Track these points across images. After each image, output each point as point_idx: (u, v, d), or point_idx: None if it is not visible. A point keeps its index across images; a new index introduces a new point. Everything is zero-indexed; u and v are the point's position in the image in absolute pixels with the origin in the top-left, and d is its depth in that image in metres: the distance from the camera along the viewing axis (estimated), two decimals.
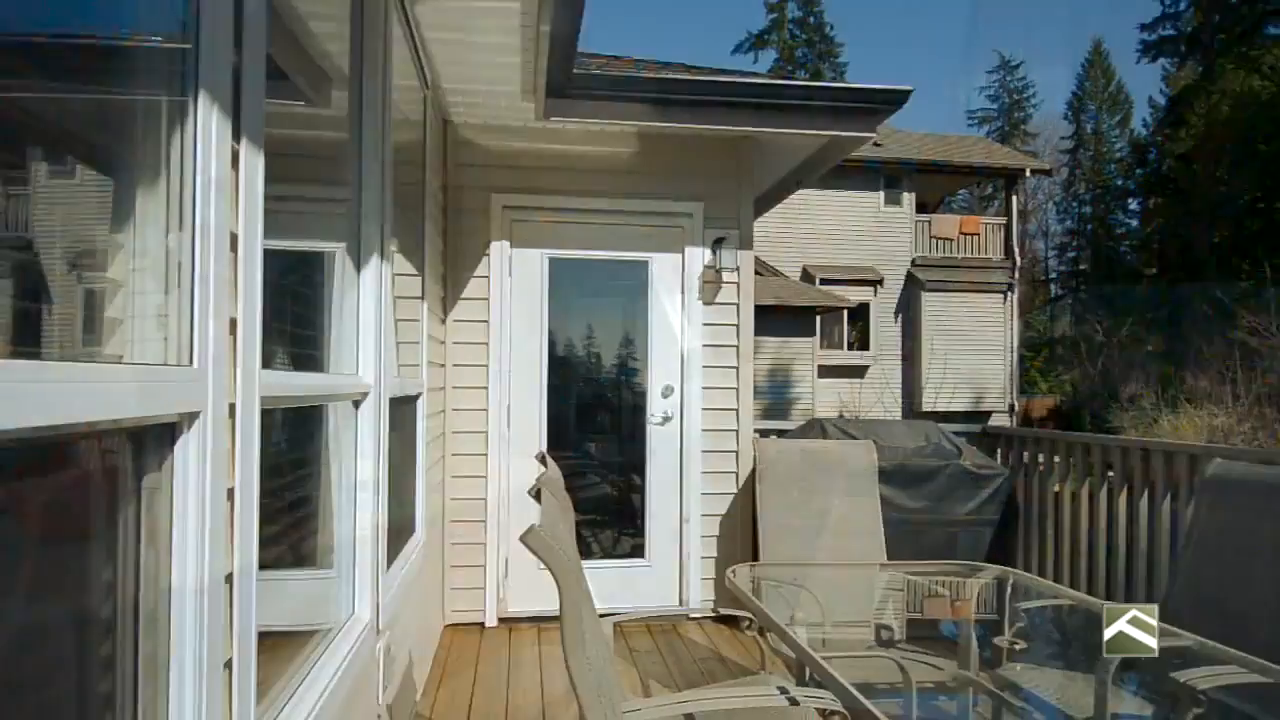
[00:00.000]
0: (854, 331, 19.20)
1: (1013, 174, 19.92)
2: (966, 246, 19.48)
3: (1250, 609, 2.28)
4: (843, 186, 18.85)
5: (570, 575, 1.01)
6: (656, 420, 4.38)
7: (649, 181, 4.30)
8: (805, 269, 18.87)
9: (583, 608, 1.15)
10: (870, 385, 18.46)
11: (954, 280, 18.94)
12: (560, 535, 1.17)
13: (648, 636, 4.14)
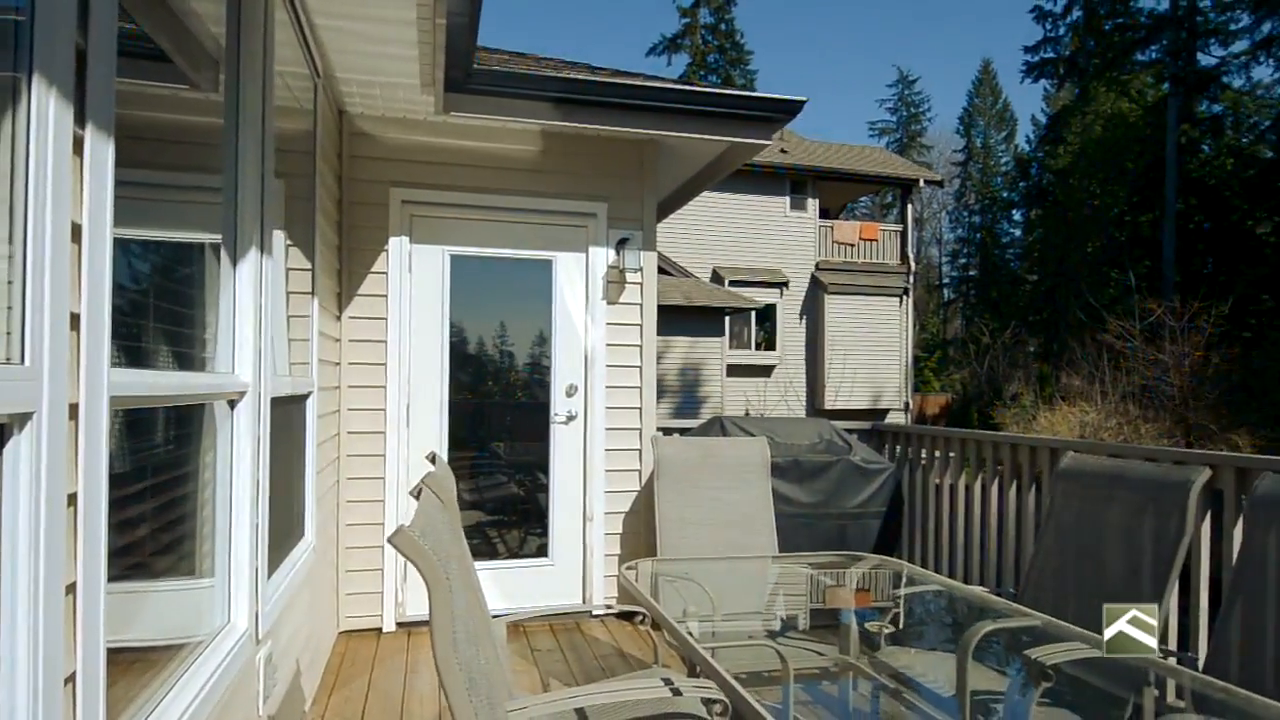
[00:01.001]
0: (761, 332, 19.72)
1: (908, 184, 20.94)
2: (866, 252, 20.35)
3: (1097, 588, 2.49)
4: (751, 191, 19.34)
5: (440, 577, 1.01)
6: (561, 419, 4.38)
7: (553, 180, 4.29)
8: (715, 270, 19.24)
9: (456, 609, 1.15)
10: (776, 384, 19.01)
11: (855, 284, 19.74)
12: (436, 536, 1.17)
13: (550, 635, 4.14)
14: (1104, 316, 17.39)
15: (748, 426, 4.26)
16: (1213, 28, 24.14)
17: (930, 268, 42.22)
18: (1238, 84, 24.51)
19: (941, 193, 40.71)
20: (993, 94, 41.38)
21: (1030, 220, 34.57)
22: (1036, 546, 2.67)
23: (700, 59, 34.81)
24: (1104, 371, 16.97)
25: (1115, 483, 2.45)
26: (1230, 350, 16.33)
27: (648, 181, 4.35)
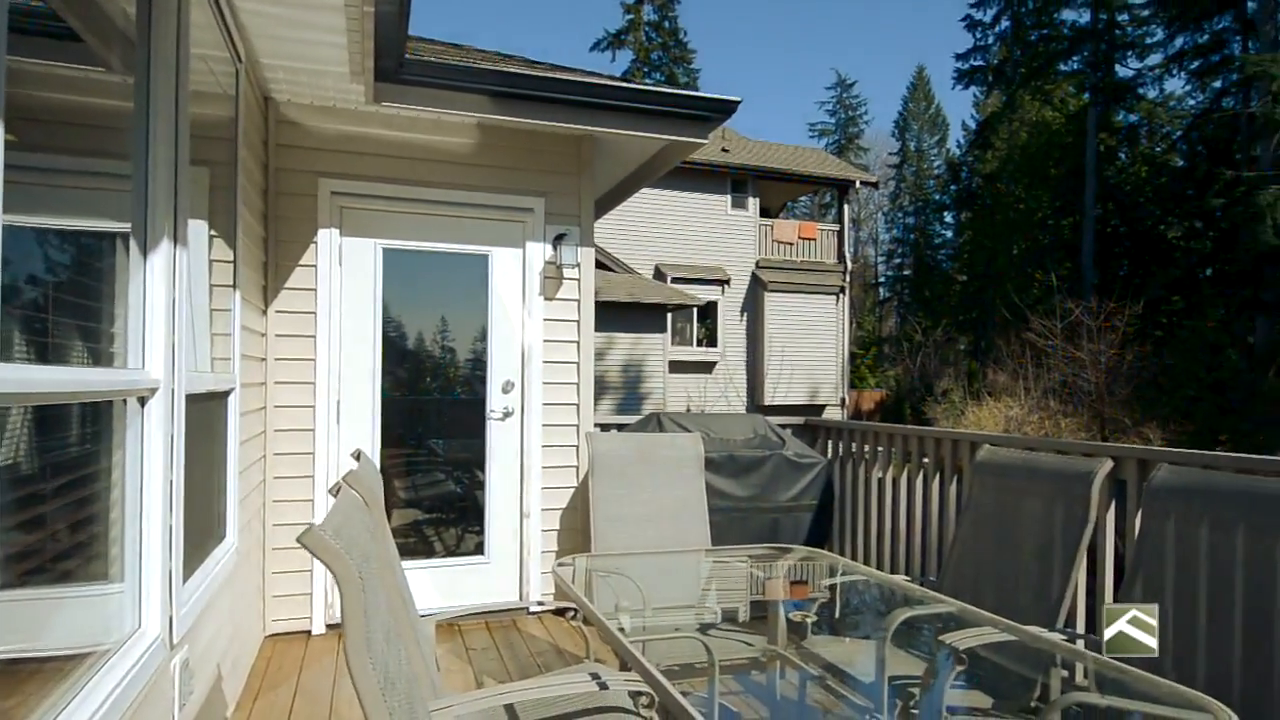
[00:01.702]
0: (703, 329, 19.91)
1: (845, 185, 21.43)
2: (805, 251, 20.76)
3: (1012, 573, 2.61)
4: (693, 189, 19.49)
5: (352, 576, 0.99)
6: (497, 416, 4.34)
7: (490, 174, 4.24)
8: (658, 267, 19.34)
9: (372, 608, 1.13)
10: (717, 381, 19.23)
11: (794, 282, 20.12)
12: (351, 534, 1.15)
13: (486, 634, 4.10)
14: (1027, 316, 18.15)
15: (684, 422, 4.31)
16: (1130, 41, 25.43)
17: (867, 267, 43.37)
18: (1152, 95, 25.91)
19: (877, 194, 41.84)
20: (926, 99, 42.69)
21: (961, 222, 35.80)
22: (955, 536, 2.78)
23: (644, 56, 34.86)
24: (1027, 368, 17.73)
25: (1027, 474, 2.58)
26: (1142, 348, 17.27)
27: (585, 177, 4.35)
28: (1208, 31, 22.62)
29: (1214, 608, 2.12)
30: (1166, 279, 22.65)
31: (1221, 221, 20.96)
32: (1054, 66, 27.54)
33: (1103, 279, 23.66)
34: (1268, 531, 2.01)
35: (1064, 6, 26.93)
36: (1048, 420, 16.68)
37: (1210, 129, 22.83)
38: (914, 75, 44.00)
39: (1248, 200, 19.19)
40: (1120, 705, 1.74)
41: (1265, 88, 18.97)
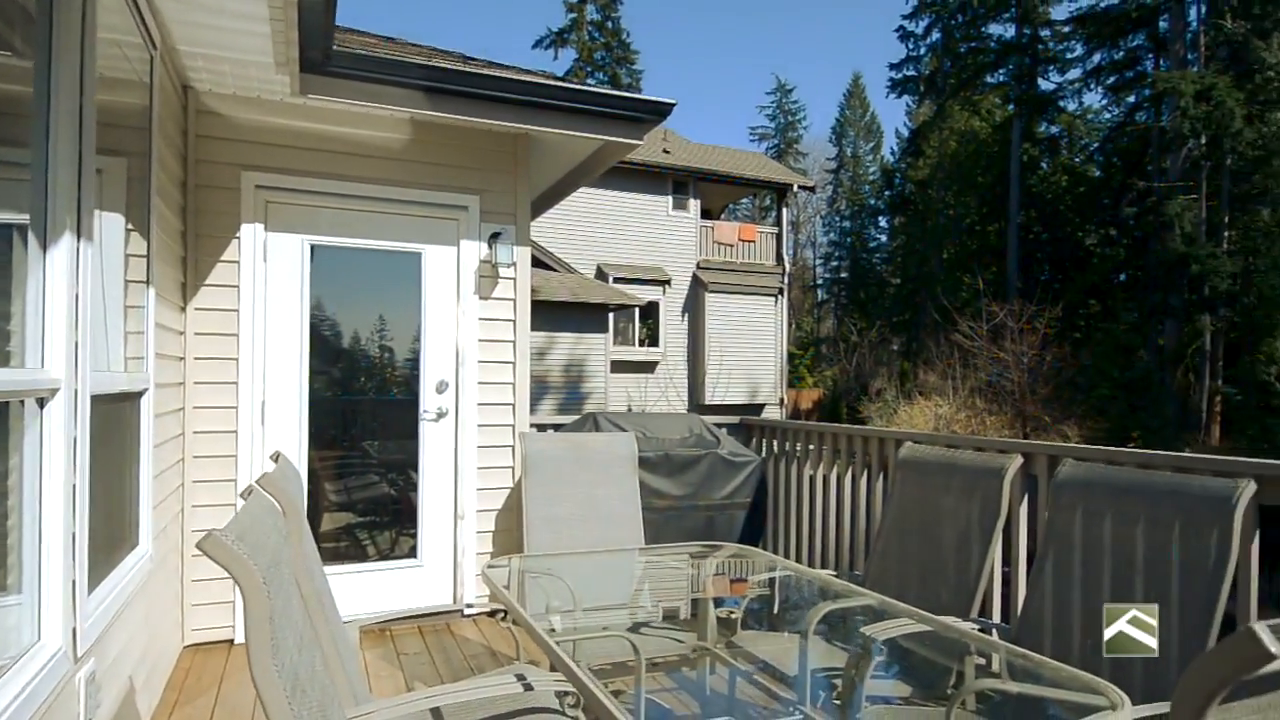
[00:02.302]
0: (645, 329, 20.00)
1: (783, 188, 21.84)
2: (745, 253, 21.07)
3: (931, 566, 2.71)
4: (635, 189, 19.56)
5: (255, 583, 0.97)
6: (431, 416, 4.28)
7: (423, 171, 4.17)
8: (600, 267, 19.34)
9: (280, 614, 1.10)
10: (659, 381, 19.34)
11: (734, 283, 20.40)
12: (258, 539, 1.12)
13: (419, 638, 4.03)
14: (956, 318, 18.84)
15: (620, 422, 4.32)
16: (1052, 56, 26.64)
17: (805, 269, 44.27)
18: (1072, 108, 27.24)
19: (815, 198, 42.75)
20: (862, 106, 43.83)
21: (894, 227, 36.90)
22: (879, 530, 2.87)
23: (587, 55, 34.80)
24: (956, 368, 18.40)
25: (946, 470, 2.68)
26: (1061, 349, 18.12)
27: (521, 176, 4.32)
28: (1123, 49, 23.90)
29: (1117, 596, 2.24)
30: (1084, 284, 23.82)
31: (1134, 230, 22.17)
32: (982, 78, 28.67)
33: (1026, 283, 24.72)
34: (1162, 522, 2.14)
35: (991, 21, 28.05)
36: (974, 418, 17.35)
37: (1124, 141, 24.13)
38: (850, 83, 45.13)
39: (1158, 210, 20.35)
40: (1023, 690, 1.83)
41: (1174, 103, 20.14)
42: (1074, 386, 17.98)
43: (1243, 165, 20.00)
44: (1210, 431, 19.45)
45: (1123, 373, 18.63)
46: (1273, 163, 19.29)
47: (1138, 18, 22.83)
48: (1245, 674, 0.67)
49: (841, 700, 2.07)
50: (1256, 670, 0.67)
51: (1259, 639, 0.65)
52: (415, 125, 4.08)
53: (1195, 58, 21.37)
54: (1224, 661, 0.67)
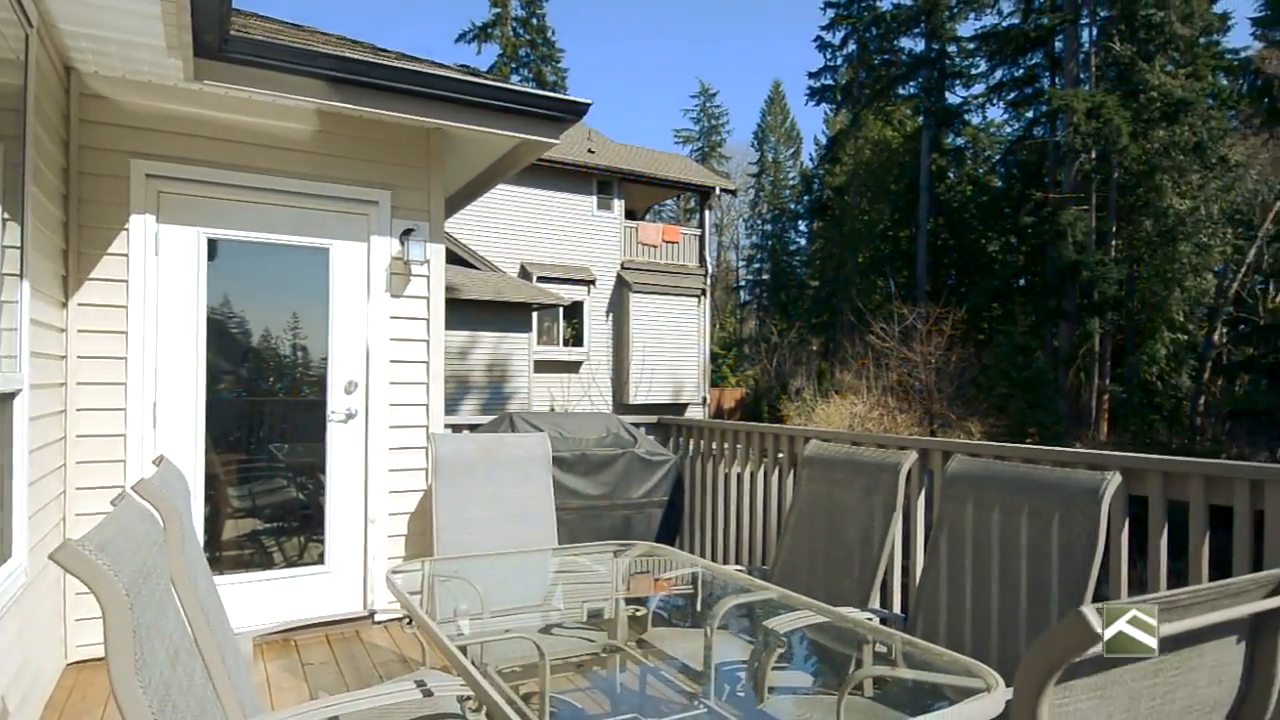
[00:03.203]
0: (569, 328, 19.92)
1: (706, 191, 22.14)
2: (669, 254, 21.25)
3: (834, 560, 2.81)
4: (559, 188, 19.46)
5: (117, 595, 0.92)
6: (339, 417, 4.14)
7: (331, 164, 4.04)
8: (523, 266, 19.15)
9: (150, 628, 1.05)
10: (583, 381, 19.30)
11: (657, 284, 20.55)
12: (124, 549, 1.06)
13: (325, 647, 3.90)
14: (869, 320, 19.55)
15: (536, 422, 4.29)
16: (958, 70, 27.98)
17: (729, 271, 45.05)
18: (976, 121, 28.67)
19: (738, 201, 43.57)
20: (783, 113, 44.92)
21: (813, 231, 37.95)
22: (785, 526, 2.96)
23: (511, 51, 34.39)
24: (869, 368, 19.10)
25: (847, 467, 2.78)
26: (965, 350, 19.05)
27: (435, 172, 4.23)
28: (1022, 67, 25.32)
29: (1004, 583, 2.37)
30: (987, 288, 25.13)
31: (1032, 238, 23.52)
32: (894, 90, 29.84)
33: (934, 287, 25.89)
34: (1043, 513, 2.27)
35: (903, 35, 29.23)
36: (886, 416, 18.05)
37: (1024, 154, 25.57)
38: (771, 90, 46.21)
39: (1053, 219, 21.67)
40: (908, 676, 1.92)
41: (1068, 119, 21.48)
42: (976, 385, 18.94)
43: (1128, 179, 21.51)
44: (1099, 427, 20.85)
45: (1020, 372, 19.76)
46: (1155, 177, 20.82)
47: (1036, 38, 24.24)
48: (1076, 655, 0.73)
49: (744, 692, 2.12)
50: (1086, 651, 0.72)
51: (1087, 622, 0.70)
52: (323, 116, 3.94)
53: (1087, 77, 22.86)
54: (1057, 644, 0.72)
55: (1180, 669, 0.92)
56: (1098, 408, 21.49)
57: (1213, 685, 0.98)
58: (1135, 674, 0.86)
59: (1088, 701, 0.81)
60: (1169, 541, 2.48)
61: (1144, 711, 0.89)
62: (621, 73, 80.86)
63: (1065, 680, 0.79)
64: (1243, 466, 2.33)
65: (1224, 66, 20.71)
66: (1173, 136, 20.32)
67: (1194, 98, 20.15)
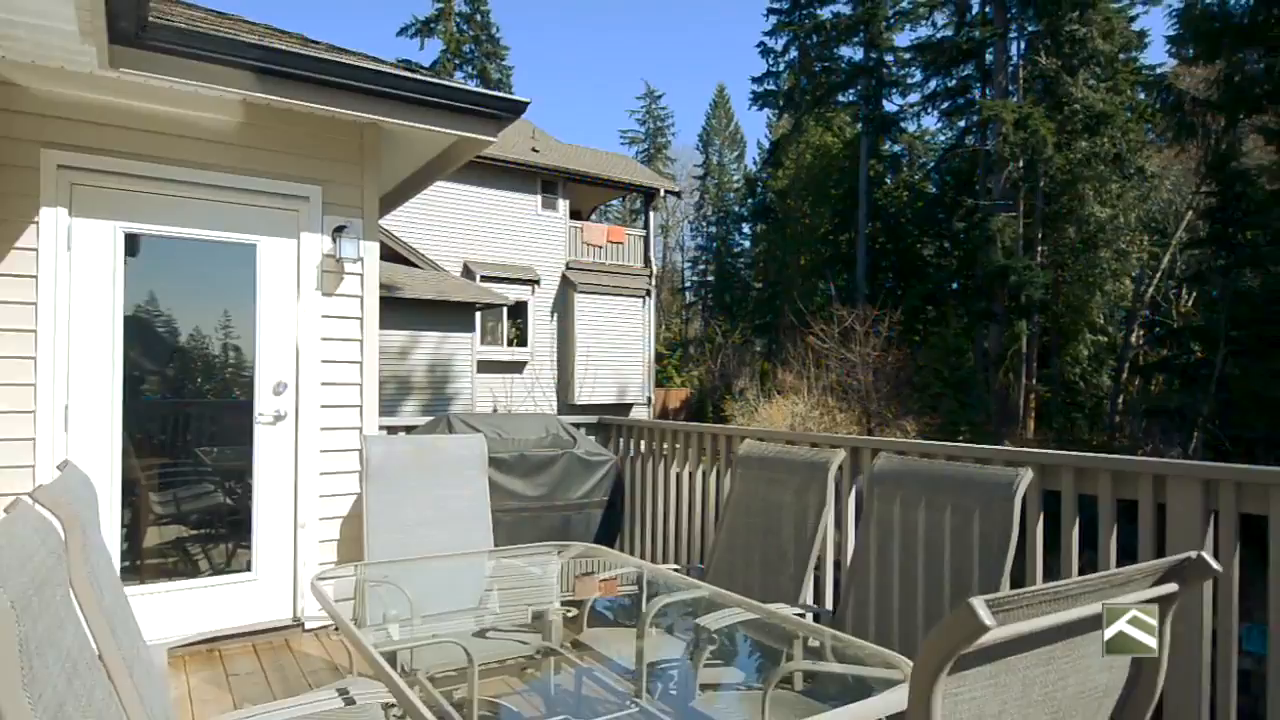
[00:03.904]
0: (513, 328, 19.74)
1: (651, 192, 22.24)
2: (614, 254, 21.27)
3: (767, 557, 2.86)
4: (503, 187, 19.26)
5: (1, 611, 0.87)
6: (267, 419, 4.01)
7: (259, 157, 3.91)
8: (467, 265, 18.89)
9: (42, 643, 1.00)
10: (528, 381, 19.16)
11: (602, 284, 20.54)
12: (12, 560, 1.01)
13: (252, 657, 3.77)
14: (810, 321, 19.94)
15: (474, 423, 4.24)
16: (895, 79, 28.76)
17: (675, 272, 45.34)
18: (912, 129, 29.54)
19: (683, 203, 43.88)
20: (727, 116, 45.44)
21: (756, 234, 38.48)
22: (720, 524, 2.99)
23: (455, 47, 33.89)
24: (810, 369, 19.48)
25: (779, 465, 2.83)
26: (901, 351, 19.61)
27: (369, 167, 4.14)
28: (955, 77, 26.17)
29: (929, 576, 2.45)
30: (922, 291, 25.91)
31: (964, 243, 24.35)
32: (834, 96, 30.48)
33: (873, 289, 26.56)
34: (964, 508, 2.36)
35: (843, 43, 29.88)
36: (826, 415, 18.43)
37: (956, 162, 26.45)
38: (715, 93, 46.70)
39: (983, 225, 22.47)
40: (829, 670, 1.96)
41: (997, 129, 22.30)
42: (912, 385, 19.51)
43: (1053, 187, 22.46)
44: (1026, 424, 21.71)
45: (953, 372, 20.45)
46: (1078, 186, 21.80)
47: (967, 50, 25.09)
48: (967, 645, 0.75)
49: (676, 690, 2.14)
50: (976, 641, 0.75)
51: (975, 613, 0.73)
52: (250, 108, 3.81)
53: (1016, 89, 23.77)
54: (949, 634, 0.75)
55: (1072, 656, 0.96)
56: (1025, 406, 22.39)
57: (1104, 671, 1.03)
58: (1028, 662, 0.90)
59: (983, 690, 0.85)
60: (1081, 533, 2.60)
61: (1037, 698, 0.93)
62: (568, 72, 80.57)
63: (960, 670, 0.82)
64: (1147, 462, 2.46)
65: (1141, 82, 21.79)
66: (1094, 147, 21.33)
67: (1114, 111, 21.18)
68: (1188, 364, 17.65)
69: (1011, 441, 18.66)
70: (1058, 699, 0.96)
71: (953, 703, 0.82)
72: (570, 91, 79.82)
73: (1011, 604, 0.77)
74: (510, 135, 19.65)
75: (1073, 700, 0.99)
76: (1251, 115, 14.55)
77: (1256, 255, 16.75)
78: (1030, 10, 23.18)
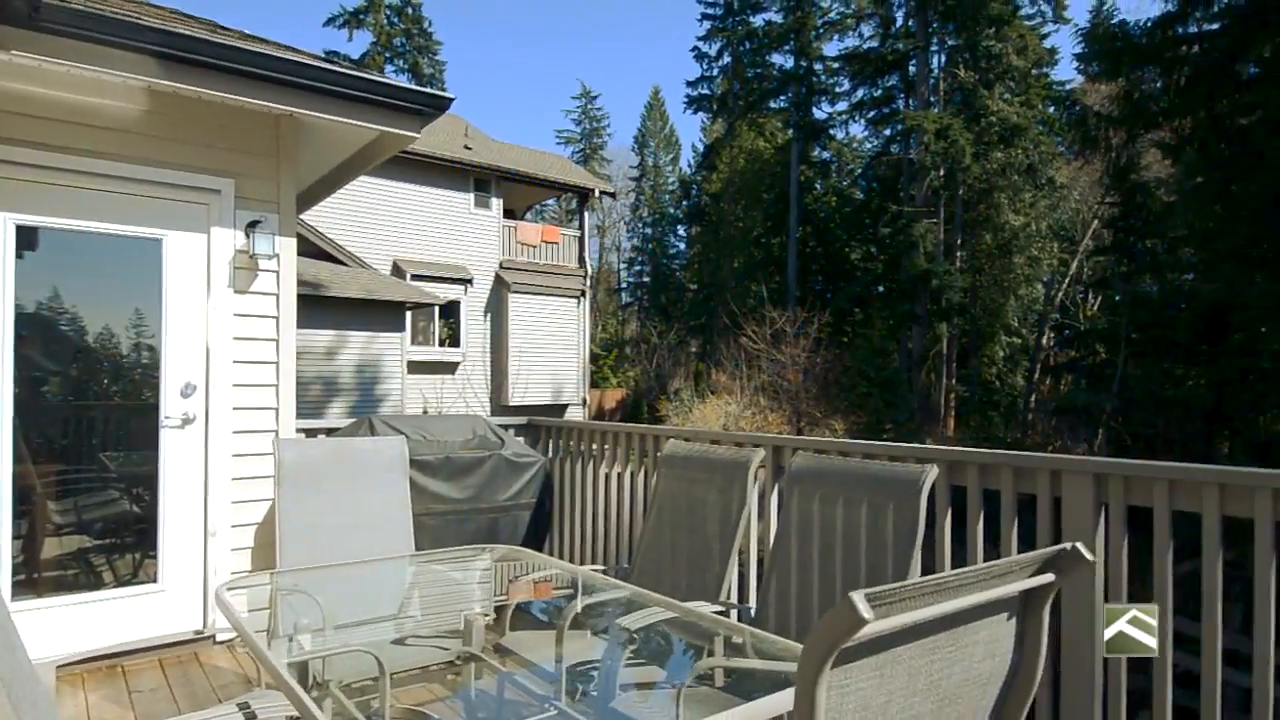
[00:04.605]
0: (445, 328, 19.39)
1: (585, 193, 22.20)
2: (548, 254, 21.13)
3: (690, 556, 2.88)
4: (435, 184, 18.90)
5: None
6: (174, 423, 3.82)
7: (166, 148, 3.72)
8: (396, 263, 18.46)
9: None
10: (460, 382, 18.85)
11: (537, 284, 20.38)
12: None
13: (158, 672, 3.60)
14: (743, 323, 20.27)
15: (398, 425, 4.14)
16: (824, 88, 29.53)
17: (611, 272, 45.37)
18: (840, 136, 30.39)
19: (619, 204, 43.93)
20: (662, 119, 45.73)
21: (692, 236, 38.88)
22: (644, 524, 3.01)
23: (385, 40, 33.08)
24: (742, 369, 19.80)
25: (702, 465, 2.87)
26: (830, 352, 20.14)
27: (285, 161, 3.99)
28: (881, 88, 27.05)
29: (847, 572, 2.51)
30: (851, 293, 26.68)
31: (890, 247, 25.18)
32: (766, 102, 31.09)
33: (804, 292, 27.21)
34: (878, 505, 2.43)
35: (774, 51, 30.50)
36: (758, 415, 18.77)
37: (882, 169, 27.34)
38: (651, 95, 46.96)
39: (907, 231, 23.31)
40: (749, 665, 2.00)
41: (920, 139, 23.16)
42: (839, 385, 20.06)
43: (972, 195, 23.49)
44: (947, 423, 22.61)
45: (878, 372, 21.13)
46: (994, 195, 22.86)
47: (892, 61, 25.98)
48: (847, 638, 0.78)
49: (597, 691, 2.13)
50: (856, 634, 0.78)
51: (855, 607, 0.75)
52: (156, 96, 3.63)
53: (937, 100, 24.74)
54: (830, 629, 0.77)
55: (955, 646, 1.01)
56: (945, 405, 23.32)
57: (987, 659, 1.08)
58: (913, 653, 0.94)
59: (868, 681, 0.88)
60: (987, 526, 2.72)
61: (922, 687, 0.97)
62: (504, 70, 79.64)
63: (847, 662, 0.85)
64: (1044, 458, 2.59)
65: (1052, 97, 23.00)
66: (1009, 158, 22.40)
67: (1027, 124, 22.29)
68: (1093, 364, 18.70)
69: (932, 439, 19.40)
70: (943, 687, 1.00)
71: (839, 695, 0.84)
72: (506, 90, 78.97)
73: (892, 597, 0.80)
74: (443, 132, 19.30)
75: (957, 688, 1.03)
76: (1150, 130, 15.52)
77: (1155, 262, 17.88)
78: (950, 25, 24.18)
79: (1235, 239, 12.43)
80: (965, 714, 1.06)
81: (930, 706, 0.99)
